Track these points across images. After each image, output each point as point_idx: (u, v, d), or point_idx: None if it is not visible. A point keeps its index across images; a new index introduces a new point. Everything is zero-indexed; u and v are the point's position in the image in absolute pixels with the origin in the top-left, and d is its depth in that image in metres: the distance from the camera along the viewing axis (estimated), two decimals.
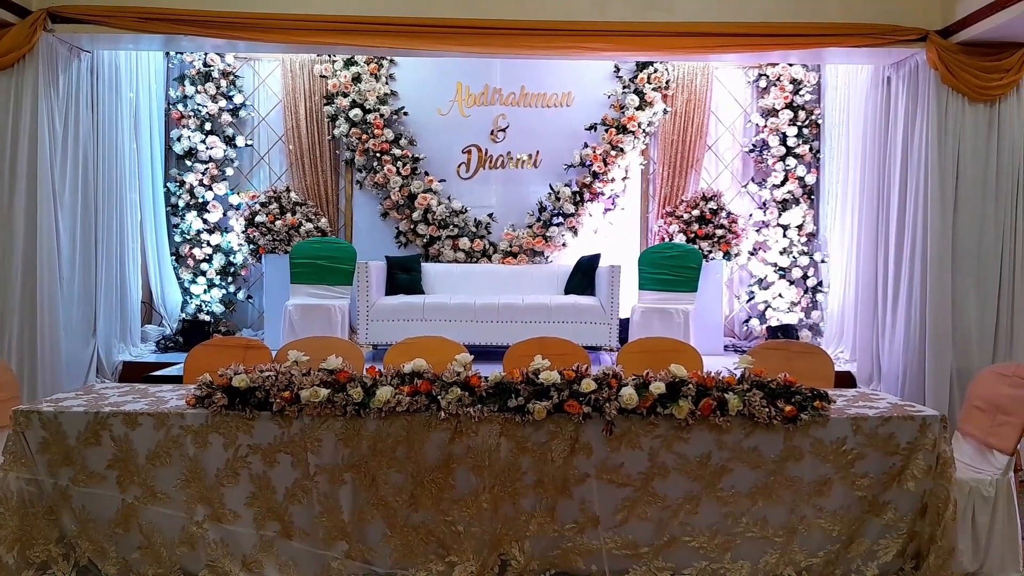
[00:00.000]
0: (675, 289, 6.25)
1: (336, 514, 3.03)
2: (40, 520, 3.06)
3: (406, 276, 6.49)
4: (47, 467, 3.06)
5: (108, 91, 5.91)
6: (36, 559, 3.05)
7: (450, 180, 7.13)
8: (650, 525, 3.01)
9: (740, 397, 2.96)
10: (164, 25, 5.17)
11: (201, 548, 3.04)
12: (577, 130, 7.09)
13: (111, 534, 3.06)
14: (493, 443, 2.99)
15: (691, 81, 7.08)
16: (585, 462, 3.00)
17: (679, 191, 7.08)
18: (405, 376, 3.09)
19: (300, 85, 7.06)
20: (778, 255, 7.05)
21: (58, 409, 3.06)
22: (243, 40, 5.42)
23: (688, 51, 5.50)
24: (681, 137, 7.09)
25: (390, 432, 3.00)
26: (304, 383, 3.03)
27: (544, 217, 7.05)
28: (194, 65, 7.01)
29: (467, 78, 7.09)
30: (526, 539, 3.01)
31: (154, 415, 3.04)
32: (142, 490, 3.04)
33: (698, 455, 2.99)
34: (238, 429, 3.02)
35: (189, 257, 7.02)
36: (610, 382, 3.02)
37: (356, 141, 6.96)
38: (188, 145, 6.97)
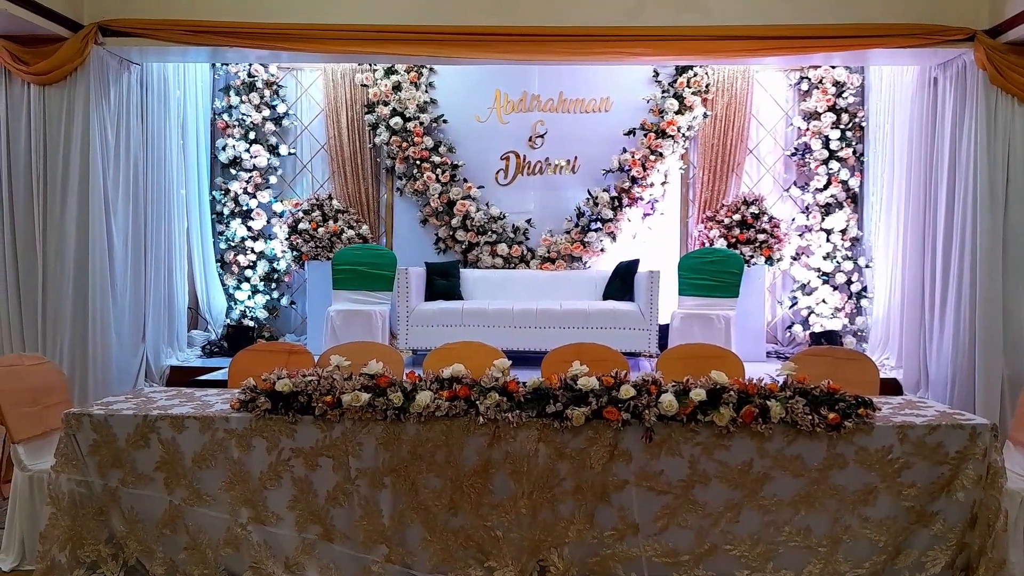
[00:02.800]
0: (716, 295, 6.19)
1: (376, 518, 3.06)
2: (90, 520, 3.14)
3: (445, 282, 6.53)
4: (97, 469, 3.14)
5: (157, 102, 6.07)
6: (86, 559, 3.13)
7: (488, 186, 7.16)
8: (690, 533, 2.99)
9: (782, 404, 2.92)
10: (210, 37, 5.29)
11: (245, 550, 3.09)
12: (616, 135, 7.07)
13: (158, 535, 3.13)
14: (531, 449, 3.00)
15: (731, 84, 7.01)
16: (624, 469, 2.99)
17: (720, 195, 7.01)
18: (444, 381, 3.12)
19: (341, 94, 7.17)
20: (821, 260, 6.94)
21: (108, 412, 3.15)
22: (286, 50, 5.52)
23: (727, 55, 5.44)
24: (721, 141, 7.03)
25: (429, 436, 3.03)
26: (345, 387, 3.07)
27: (582, 223, 7.04)
28: (239, 76, 7.16)
29: (505, 85, 7.12)
30: (565, 545, 3.01)
31: (200, 418, 3.11)
32: (188, 492, 3.11)
33: (739, 463, 2.96)
34: (281, 433, 3.08)
35: (234, 264, 7.16)
36: (649, 388, 3.00)
37: (396, 149, 7.03)
38: (233, 154, 7.12)
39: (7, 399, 3.44)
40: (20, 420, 3.46)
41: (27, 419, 3.50)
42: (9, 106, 5.22)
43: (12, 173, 5.22)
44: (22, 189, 5.22)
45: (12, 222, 5.23)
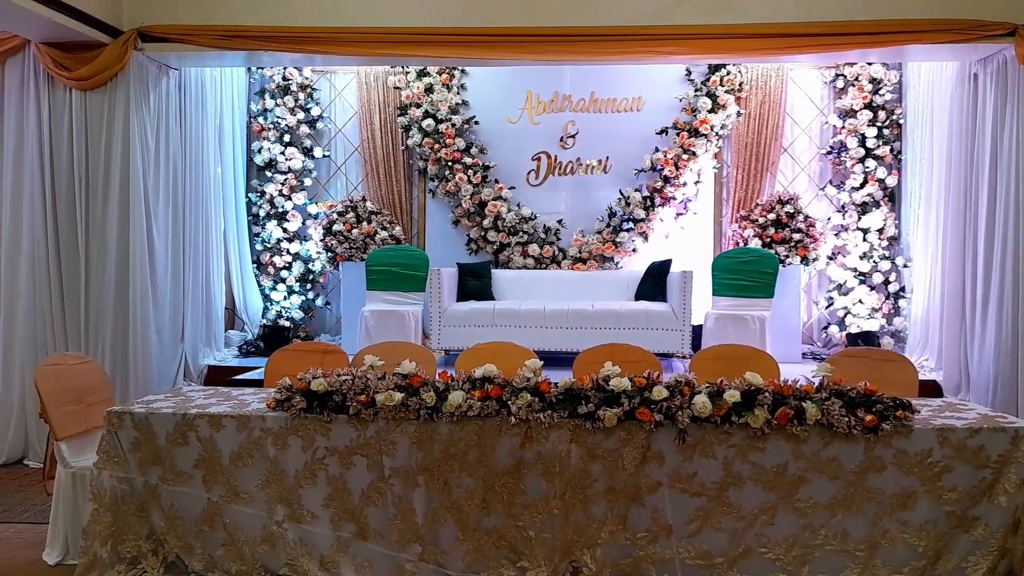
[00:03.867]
0: (750, 295, 6.12)
1: (410, 516, 3.08)
2: (131, 516, 3.21)
3: (477, 282, 6.55)
4: (138, 466, 3.21)
5: (194, 106, 6.18)
6: (127, 554, 3.20)
7: (520, 187, 7.17)
8: (724, 535, 2.96)
9: (818, 406, 2.89)
10: (246, 42, 5.38)
11: (281, 547, 3.13)
12: (648, 134, 7.03)
13: (197, 531, 3.19)
14: (563, 449, 3.00)
15: (765, 83, 6.94)
16: (657, 470, 2.97)
17: (754, 195, 6.94)
18: (476, 381, 3.13)
19: (374, 97, 7.23)
20: (858, 260, 6.83)
21: (149, 410, 3.21)
22: (319, 54, 5.60)
23: (761, 53, 5.40)
24: (755, 140, 6.96)
25: (462, 436, 3.04)
26: (379, 387, 3.09)
27: (614, 223, 7.02)
28: (274, 79, 7.26)
29: (537, 86, 7.12)
30: (597, 546, 3.00)
31: (237, 417, 3.16)
32: (226, 489, 3.16)
33: (774, 465, 2.93)
34: (316, 432, 3.11)
35: (270, 265, 7.26)
36: (683, 390, 2.98)
37: (428, 151, 7.07)
38: (268, 157, 7.22)
39: (51, 398, 3.52)
40: (64, 418, 3.54)
41: (70, 417, 3.58)
42: (52, 111, 5.36)
43: (55, 177, 5.36)
44: (65, 193, 5.36)
45: (56, 225, 5.37)
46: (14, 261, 5.37)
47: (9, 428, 5.36)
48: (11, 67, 5.42)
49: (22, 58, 5.39)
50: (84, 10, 4.99)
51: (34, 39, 5.24)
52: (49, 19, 4.75)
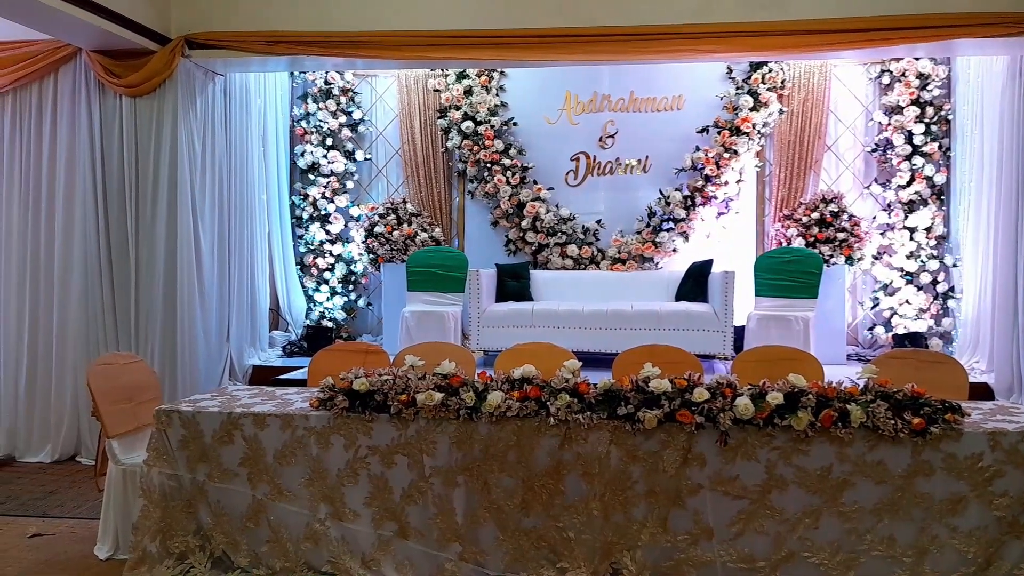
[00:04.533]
0: (794, 295, 6.03)
1: (450, 516, 3.10)
2: (179, 513, 3.28)
3: (515, 283, 6.56)
4: (186, 463, 3.28)
5: (239, 111, 6.30)
6: (176, 549, 3.27)
7: (558, 188, 7.16)
8: (767, 539, 2.93)
9: (863, 408, 2.84)
10: (288, 47, 5.47)
11: (324, 545, 3.18)
12: (688, 133, 6.97)
13: (242, 528, 3.25)
14: (603, 451, 2.99)
15: (808, 80, 6.83)
16: (698, 473, 2.95)
17: (797, 193, 6.84)
18: (515, 382, 3.14)
19: (415, 100, 7.29)
20: (905, 259, 6.68)
21: (196, 409, 3.28)
22: (359, 58, 5.67)
23: (804, 50, 5.30)
24: (798, 138, 6.85)
25: (501, 436, 3.05)
26: (420, 387, 3.12)
27: (654, 223, 6.97)
28: (316, 84, 7.36)
29: (575, 86, 7.11)
30: (638, 548, 2.99)
31: (281, 416, 3.21)
32: (270, 487, 3.21)
33: (818, 468, 2.88)
34: (358, 431, 3.15)
35: (313, 266, 7.36)
36: (724, 392, 2.96)
37: (468, 152, 7.11)
38: (311, 160, 7.32)
39: (103, 396, 3.62)
40: (115, 416, 3.64)
41: (121, 415, 3.68)
42: (103, 117, 5.51)
43: (106, 182, 5.51)
44: (115, 197, 5.50)
45: (107, 228, 5.51)
46: (67, 263, 5.53)
47: (63, 425, 5.52)
48: (64, 75, 5.58)
49: (74, 66, 5.55)
50: (134, 19, 5.13)
51: (86, 47, 5.39)
52: (100, 28, 4.89)
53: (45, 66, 5.52)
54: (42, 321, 5.58)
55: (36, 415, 5.57)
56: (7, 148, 5.67)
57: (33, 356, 5.59)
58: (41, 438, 5.55)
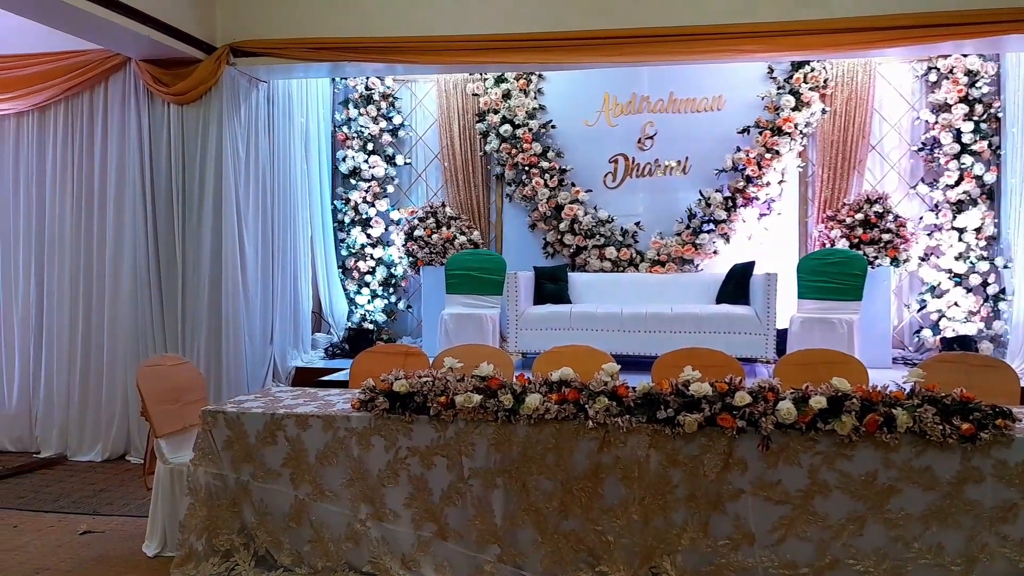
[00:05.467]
0: (838, 298, 5.92)
1: (489, 517, 3.11)
2: (224, 511, 3.34)
3: (553, 286, 6.56)
4: (231, 463, 3.34)
5: (282, 117, 6.41)
6: (221, 547, 3.34)
7: (596, 190, 7.14)
8: (810, 545, 2.88)
9: (910, 413, 2.78)
10: (330, 53, 5.55)
11: (364, 545, 3.21)
12: (729, 134, 6.89)
13: (285, 527, 3.30)
14: (642, 454, 2.97)
15: (851, 78, 6.71)
16: (739, 477, 2.92)
17: (841, 194, 6.72)
18: (553, 384, 3.14)
19: (454, 104, 7.34)
20: (953, 260, 6.51)
21: (240, 410, 3.34)
22: (400, 63, 5.72)
23: (847, 48, 5.21)
24: (842, 137, 6.73)
25: (539, 439, 3.05)
26: (458, 389, 3.14)
27: (694, 224, 6.91)
28: (357, 89, 7.45)
29: (614, 88, 7.09)
30: (678, 553, 2.97)
31: (323, 417, 3.25)
32: (312, 487, 3.26)
33: (863, 473, 2.83)
34: (398, 432, 3.18)
35: (354, 270, 7.46)
36: (766, 395, 2.92)
37: (506, 156, 7.13)
38: (352, 165, 7.42)
39: (151, 397, 3.72)
40: (162, 416, 3.73)
41: (169, 415, 3.77)
42: (151, 125, 5.65)
43: (155, 188, 5.65)
44: (163, 203, 5.64)
45: (155, 233, 5.65)
46: (118, 268, 5.68)
47: (113, 425, 5.67)
48: (114, 84, 5.74)
49: (124, 75, 5.70)
50: (181, 28, 5.25)
51: (135, 57, 5.53)
52: (148, 37, 5.02)
53: (96, 75, 5.69)
54: (93, 324, 5.74)
55: (88, 415, 5.73)
56: (60, 156, 5.85)
57: (85, 358, 5.75)
58: (92, 437, 5.71)
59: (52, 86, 5.71)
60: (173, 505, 3.62)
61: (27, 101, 5.79)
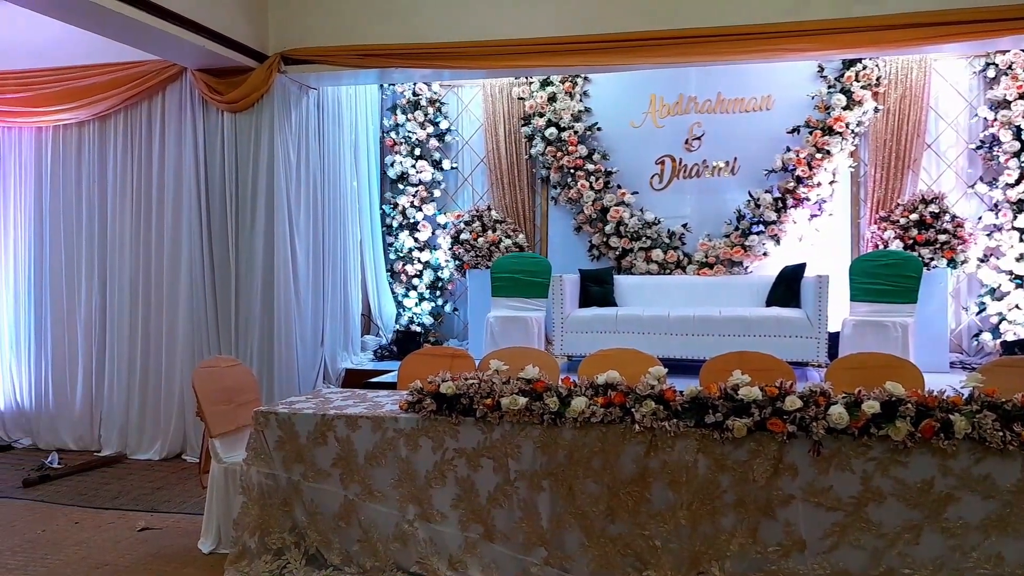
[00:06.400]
0: (892, 300, 5.77)
1: (535, 520, 3.12)
2: (276, 510, 3.41)
3: (599, 289, 6.53)
4: (282, 463, 3.41)
5: (332, 123, 6.52)
6: (273, 545, 3.40)
7: (643, 192, 7.09)
8: (863, 553, 2.82)
9: (968, 419, 2.70)
10: (378, 60, 5.63)
11: (412, 545, 3.24)
12: (778, 134, 6.79)
13: (335, 527, 3.35)
14: (690, 459, 2.95)
15: (905, 76, 6.54)
16: (790, 483, 2.87)
17: (894, 194, 6.55)
18: (599, 387, 3.13)
19: (499, 108, 7.37)
20: (1014, 261, 6.30)
21: (291, 411, 3.41)
22: (447, 68, 5.77)
23: (900, 45, 5.08)
24: (895, 136, 6.57)
25: (585, 442, 3.05)
26: (504, 391, 3.15)
27: (743, 226, 6.81)
28: (404, 95, 7.54)
29: (660, 89, 7.04)
30: (727, 558, 2.93)
31: (372, 418, 3.30)
32: (361, 488, 3.30)
33: (918, 481, 2.76)
34: (445, 433, 3.21)
35: (402, 273, 7.55)
36: (817, 400, 2.87)
37: (551, 159, 7.13)
38: (400, 170, 7.51)
39: (206, 398, 3.81)
40: (217, 417, 3.82)
41: (223, 416, 3.86)
42: (206, 133, 5.81)
43: (209, 194, 5.80)
44: (218, 208, 5.78)
45: (210, 238, 5.80)
46: (175, 272, 5.85)
47: (170, 425, 5.83)
48: (171, 93, 5.91)
49: (180, 85, 5.87)
50: (234, 38, 5.39)
51: (191, 66, 5.69)
52: (204, 47, 5.16)
53: (154, 85, 5.87)
54: (152, 326, 5.92)
55: (147, 415, 5.90)
56: (120, 164, 6.04)
57: (144, 359, 5.93)
58: (151, 437, 5.88)
59: (112, 96, 5.91)
60: (227, 503, 3.70)
61: (89, 111, 6.01)
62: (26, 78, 6.06)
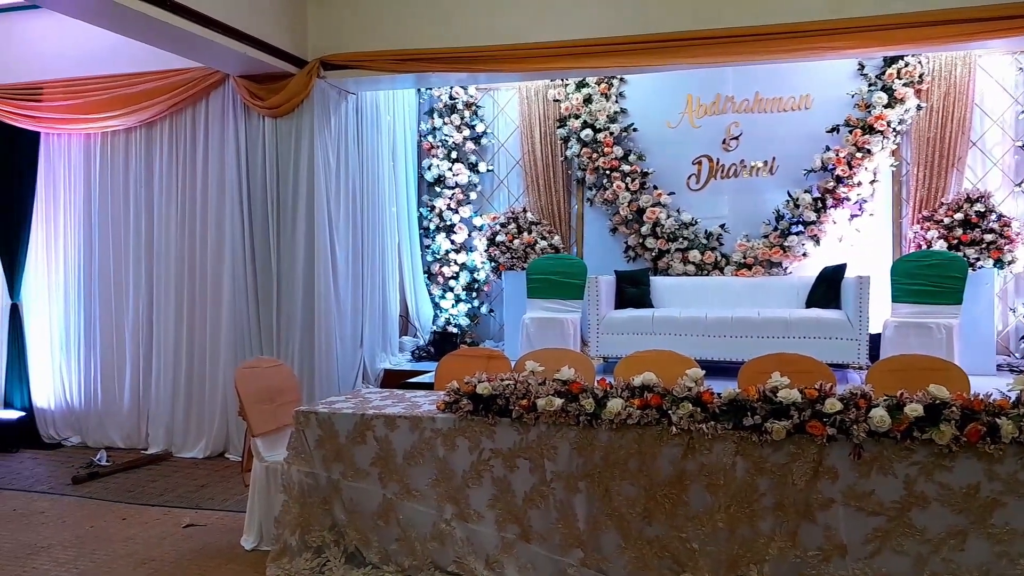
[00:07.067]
0: (935, 301, 5.65)
1: (571, 521, 3.12)
2: (316, 509, 3.47)
3: (635, 290, 6.51)
4: (322, 462, 3.47)
5: (370, 127, 6.60)
6: (313, 543, 3.46)
7: (679, 192, 7.05)
8: (906, 559, 2.78)
9: (1016, 423, 2.65)
10: (415, 64, 5.69)
11: (449, 545, 3.27)
12: (817, 133, 6.70)
13: (374, 525, 3.39)
14: (728, 462, 2.93)
15: (949, 72, 6.40)
16: (830, 486, 2.84)
17: (938, 193, 6.42)
18: (635, 389, 3.12)
19: (535, 111, 7.39)
20: None
21: (331, 411, 3.46)
22: (483, 71, 5.80)
23: (945, 41, 4.97)
24: (939, 134, 6.43)
25: (622, 444, 3.05)
26: (540, 392, 3.16)
27: (781, 226, 6.73)
28: (441, 99, 7.60)
29: (697, 89, 6.99)
30: (765, 562, 2.91)
31: (410, 418, 3.34)
32: (400, 487, 3.34)
33: (964, 486, 2.71)
34: (481, 433, 3.23)
35: (439, 275, 7.60)
36: (858, 402, 2.83)
37: (586, 160, 7.13)
38: (437, 173, 7.56)
39: (248, 397, 3.89)
40: (259, 416, 3.90)
41: (265, 415, 3.93)
42: (248, 138, 5.92)
43: (251, 197, 5.91)
44: (259, 212, 5.89)
45: (252, 242, 5.91)
46: (218, 274, 5.97)
47: (214, 424, 5.96)
48: (214, 100, 6.04)
49: (222, 91, 6.00)
50: (275, 44, 5.49)
51: (233, 73, 5.81)
52: (245, 54, 5.27)
53: (198, 92, 6.00)
54: (196, 327, 6.05)
55: (192, 414, 6.04)
56: (166, 169, 6.19)
57: (189, 359, 6.06)
58: (195, 435, 6.01)
59: (158, 103, 6.06)
60: (269, 501, 3.77)
61: (136, 117, 6.16)
62: (76, 86, 6.24)
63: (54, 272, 6.55)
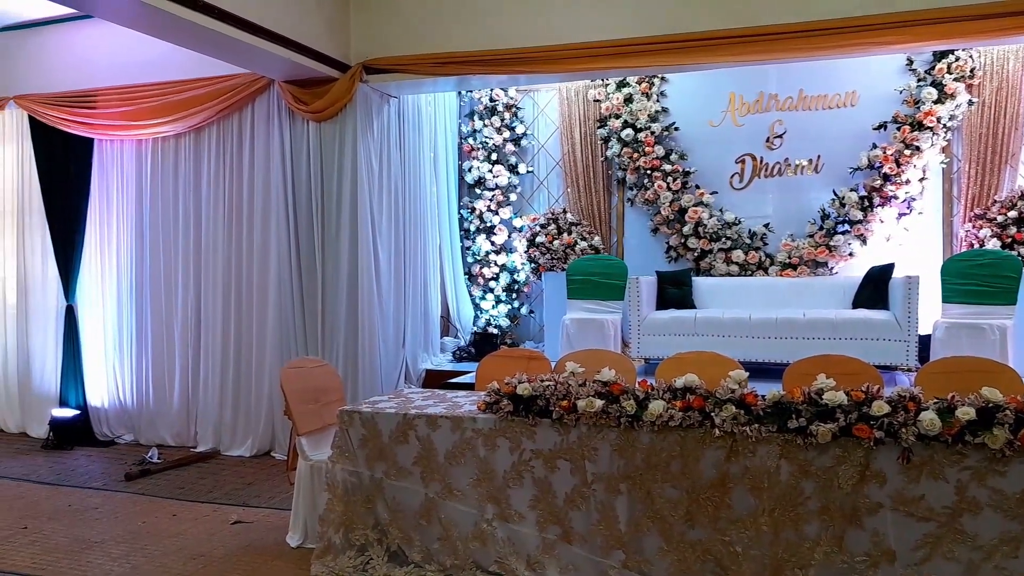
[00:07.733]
0: (988, 302, 5.49)
1: (613, 523, 3.12)
2: (360, 507, 3.51)
3: (677, 291, 6.45)
4: (366, 461, 3.51)
5: (412, 130, 6.67)
6: (356, 541, 3.51)
7: (722, 192, 6.97)
8: (958, 566, 2.71)
9: None
10: (456, 67, 5.72)
11: (491, 545, 3.29)
12: (863, 130, 6.56)
13: (416, 524, 3.43)
14: (772, 465, 2.90)
15: (1001, 66, 6.22)
16: (877, 491, 2.79)
17: (991, 191, 6.24)
18: (677, 391, 3.10)
19: (575, 111, 7.38)
20: None
21: (374, 410, 3.51)
22: (523, 73, 5.81)
23: (997, 34, 4.82)
24: (991, 130, 6.25)
25: (663, 446, 3.03)
26: (580, 393, 3.16)
27: (827, 225, 6.61)
28: (481, 101, 7.64)
29: (739, 87, 6.91)
30: (811, 567, 2.87)
31: (451, 418, 3.36)
32: (441, 486, 3.37)
33: (1018, 491, 2.64)
34: (522, 434, 3.24)
35: (479, 276, 7.64)
36: (907, 405, 2.78)
37: (627, 160, 7.09)
38: (478, 175, 7.60)
39: (294, 397, 3.96)
40: (304, 415, 3.96)
41: (309, 415, 4.00)
42: (292, 142, 6.02)
43: (296, 200, 6.01)
44: (304, 215, 5.99)
45: (297, 244, 6.01)
46: (264, 276, 6.08)
47: (260, 423, 6.07)
48: (259, 105, 6.16)
49: (267, 96, 6.11)
50: (319, 49, 5.57)
51: (278, 78, 5.91)
52: (290, 60, 5.36)
53: (244, 97, 6.12)
54: (243, 328, 6.18)
55: (239, 413, 6.17)
56: (213, 174, 6.33)
57: (237, 360, 6.19)
58: (243, 434, 6.14)
59: (207, 108, 6.20)
60: (313, 500, 3.83)
61: (185, 123, 6.32)
62: (128, 93, 6.42)
63: (107, 274, 6.75)
